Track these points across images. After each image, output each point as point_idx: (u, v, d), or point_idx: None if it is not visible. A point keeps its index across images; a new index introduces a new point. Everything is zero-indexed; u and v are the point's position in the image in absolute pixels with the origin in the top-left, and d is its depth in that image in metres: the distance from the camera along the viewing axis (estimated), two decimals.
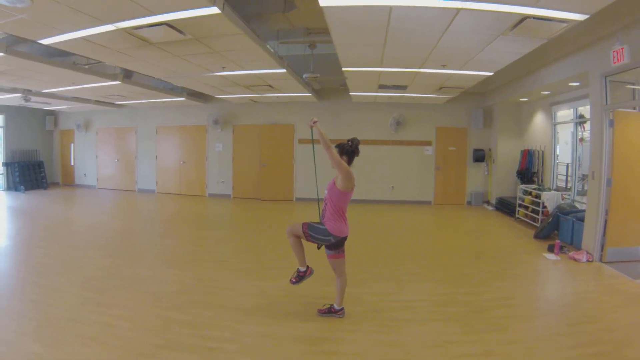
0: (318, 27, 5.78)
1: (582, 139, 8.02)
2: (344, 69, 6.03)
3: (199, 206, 10.03)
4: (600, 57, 5.38)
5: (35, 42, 5.53)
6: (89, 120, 12.64)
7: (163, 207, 9.84)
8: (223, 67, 6.18)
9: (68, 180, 13.24)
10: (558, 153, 8.35)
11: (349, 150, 3.32)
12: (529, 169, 8.87)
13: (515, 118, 9.76)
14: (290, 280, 3.58)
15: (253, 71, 6.46)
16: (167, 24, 4.03)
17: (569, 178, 7.98)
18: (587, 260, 5.43)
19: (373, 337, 3.24)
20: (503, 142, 9.75)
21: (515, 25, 4.05)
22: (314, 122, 3.25)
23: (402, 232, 7.57)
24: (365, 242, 6.48)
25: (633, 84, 5.62)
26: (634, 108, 5.65)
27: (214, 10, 3.62)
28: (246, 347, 3.04)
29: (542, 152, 8.57)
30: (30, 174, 11.97)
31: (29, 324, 3.33)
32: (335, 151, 3.18)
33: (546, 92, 7.92)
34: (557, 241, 5.95)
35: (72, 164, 13.09)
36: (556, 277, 5.00)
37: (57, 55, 6.40)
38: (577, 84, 6.80)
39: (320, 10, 5.02)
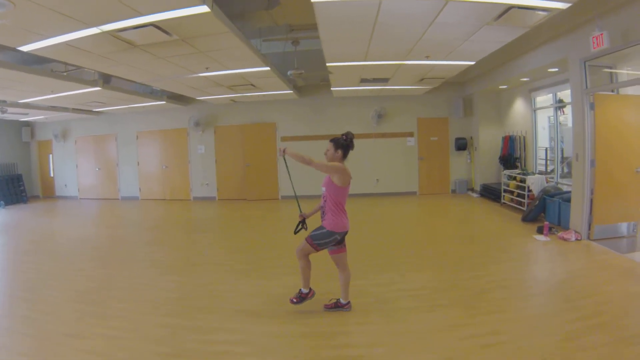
0: (301, 23, 5.77)
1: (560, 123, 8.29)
2: (328, 64, 6.03)
3: (185, 210, 9.91)
4: (579, 43, 5.56)
5: (12, 50, 5.38)
6: (66, 130, 12.29)
7: (149, 214, 9.68)
8: (207, 68, 6.11)
9: (48, 193, 12.87)
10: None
11: (343, 144, 3.34)
12: (511, 155, 9.08)
13: (495, 105, 9.96)
14: (291, 300, 3.56)
15: (237, 70, 6.40)
16: (154, 24, 3.96)
17: (549, 162, 8.23)
18: (576, 239, 5.63)
19: (383, 328, 3.28)
20: (484, 129, 9.93)
21: (500, 15, 4.14)
22: (283, 151, 3.26)
23: (394, 224, 7.64)
24: (360, 235, 6.48)
25: (610, 67, 5.82)
26: (612, 91, 5.85)
27: (204, 9, 3.58)
28: (257, 348, 3.01)
29: (524, 137, 8.78)
30: (9, 188, 11.57)
31: (25, 341, 3.18)
32: (317, 160, 3.17)
33: (525, 79, 8.11)
34: (546, 223, 6.13)
35: (52, 175, 12.73)
36: (548, 257, 5.13)
37: (34, 63, 6.20)
38: (556, 69, 6.99)
39: (303, 7, 5.05)
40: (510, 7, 3.94)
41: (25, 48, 4.54)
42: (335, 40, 4.81)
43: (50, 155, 12.65)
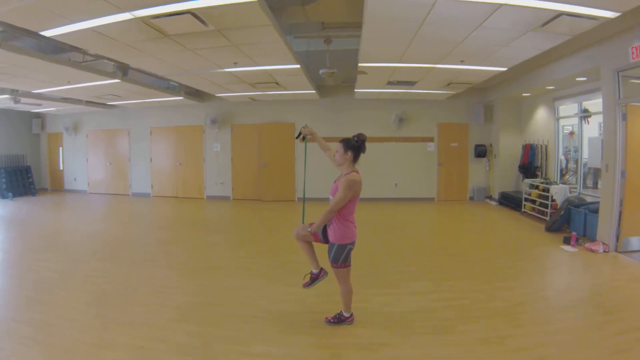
0: (335, 21, 5.66)
1: (572, 133, 8.21)
2: (361, 64, 5.93)
3: (199, 209, 9.77)
4: (612, 53, 5.50)
5: (27, 36, 5.22)
6: (78, 123, 12.17)
7: (162, 212, 9.53)
8: (235, 63, 5.99)
9: (57, 186, 12.73)
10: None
11: (354, 146, 3.11)
12: (532, 163, 8.97)
13: (516, 113, 9.84)
14: (327, 319, 3.39)
15: (265, 67, 6.28)
16: (192, 12, 3.80)
17: (567, 171, 8.18)
18: (604, 251, 5.54)
19: (428, 338, 3.15)
20: (504, 137, 9.81)
21: (548, 22, 4.06)
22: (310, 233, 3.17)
23: (417, 230, 7.53)
24: (384, 241, 6.42)
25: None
26: None
27: None
28: None
29: (546, 146, 8.68)
30: (18, 180, 11.43)
31: (47, 352, 2.90)
32: (332, 205, 3.01)
33: (550, 87, 8.01)
34: (574, 233, 6.03)
35: (61, 168, 12.59)
36: (579, 268, 5.06)
37: (49, 52, 6.02)
38: (584, 78, 6.89)
39: (339, 4, 4.96)
40: (560, 14, 3.86)
41: (47, 33, 4.32)
42: (376, 39, 4.70)
43: (60, 148, 12.51)
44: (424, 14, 3.85)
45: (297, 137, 3.39)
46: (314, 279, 3.43)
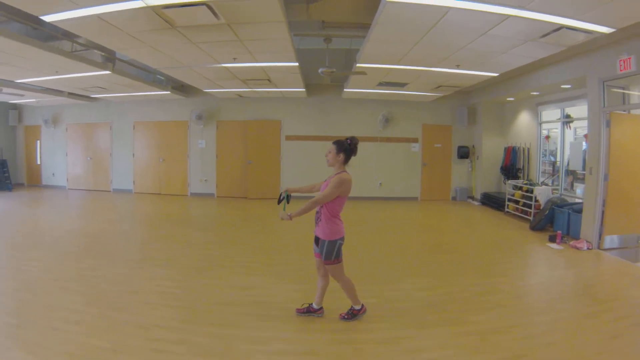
0: (336, 21, 5.71)
1: (548, 137, 8.62)
2: (359, 64, 6.01)
3: (184, 206, 9.63)
4: (599, 63, 5.87)
5: (16, 22, 4.95)
6: (57, 115, 11.74)
7: (148, 208, 9.35)
8: (234, 59, 5.96)
9: (34, 181, 12.25)
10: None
11: (347, 149, 3.22)
12: (514, 165, 9.32)
13: (498, 116, 10.19)
14: (341, 315, 3.44)
15: (263, 64, 6.28)
16: (207, 4, 3.77)
17: (543, 174, 8.60)
18: (588, 248, 5.92)
19: (443, 330, 3.27)
20: (487, 139, 10.14)
21: (548, 33, 4.26)
22: (290, 217, 3.11)
23: (405, 229, 7.70)
24: (379, 239, 6.56)
25: (623, 88, 6.12)
26: (625, 111, 6.14)
27: None
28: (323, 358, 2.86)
29: (528, 149, 9.05)
30: None
31: None
32: (320, 196, 3.12)
33: (535, 93, 8.36)
34: (559, 232, 6.35)
35: (39, 162, 12.12)
36: (566, 264, 5.33)
37: (38, 39, 5.78)
38: (569, 86, 7.24)
39: (344, 4, 5.02)
40: (561, 27, 4.07)
41: (48, 17, 4.11)
42: (383, 41, 4.78)
43: (38, 142, 12.04)
44: (436, 20, 3.96)
45: (279, 202, 3.38)
46: (310, 311, 3.48)
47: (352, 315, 3.43)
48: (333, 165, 3.27)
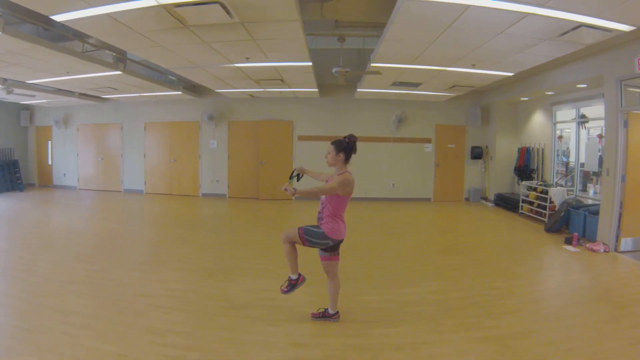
0: (350, 20, 5.66)
1: (560, 137, 8.48)
2: (373, 64, 5.95)
3: (196, 207, 9.60)
4: (616, 62, 5.72)
5: (27, 23, 4.95)
6: (68, 116, 11.82)
7: (158, 209, 9.35)
8: (247, 58, 5.91)
9: (45, 181, 12.33)
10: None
11: (346, 148, 3.20)
12: (528, 166, 9.18)
13: (512, 116, 10.04)
14: (281, 289, 3.37)
15: (276, 63, 6.23)
16: (221, 2, 3.71)
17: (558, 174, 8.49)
18: (604, 251, 5.78)
19: (460, 335, 3.20)
20: (500, 139, 9.99)
21: (566, 32, 4.15)
22: (294, 191, 3.06)
23: (420, 230, 7.63)
24: (392, 241, 6.49)
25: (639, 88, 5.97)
26: None
27: None
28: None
29: (542, 149, 8.90)
30: (5, 175, 11.01)
31: None
32: (324, 187, 3.11)
33: (550, 92, 8.22)
34: (575, 234, 6.22)
35: (50, 163, 12.20)
36: (583, 267, 5.23)
37: (49, 41, 5.80)
38: (585, 85, 7.09)
39: (359, 3, 4.96)
40: (580, 25, 3.96)
41: (58, 17, 4.08)
42: (399, 40, 4.69)
43: (50, 142, 12.12)
44: (454, 18, 3.88)
45: (290, 178, 3.39)
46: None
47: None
48: (334, 165, 3.26)
